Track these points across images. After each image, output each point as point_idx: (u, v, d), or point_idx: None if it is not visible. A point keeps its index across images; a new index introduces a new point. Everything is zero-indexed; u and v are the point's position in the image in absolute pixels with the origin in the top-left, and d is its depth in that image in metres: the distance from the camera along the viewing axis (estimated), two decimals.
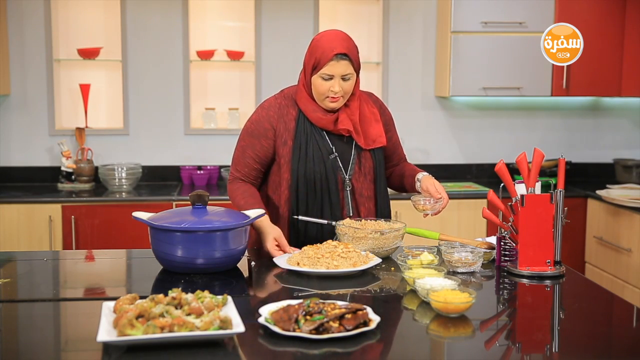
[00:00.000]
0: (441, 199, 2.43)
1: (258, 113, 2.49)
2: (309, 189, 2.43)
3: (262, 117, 2.47)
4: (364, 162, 2.49)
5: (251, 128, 2.48)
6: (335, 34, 2.40)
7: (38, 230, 3.96)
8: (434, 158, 4.78)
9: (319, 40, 2.40)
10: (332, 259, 2.11)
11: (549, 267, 2.18)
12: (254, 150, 2.46)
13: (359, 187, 2.49)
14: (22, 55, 4.43)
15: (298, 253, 2.19)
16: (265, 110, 2.48)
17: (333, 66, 2.34)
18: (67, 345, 1.68)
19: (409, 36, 4.68)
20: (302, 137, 2.43)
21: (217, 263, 2.14)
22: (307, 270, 2.09)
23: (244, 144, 2.49)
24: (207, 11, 4.60)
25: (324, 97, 2.39)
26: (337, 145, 2.47)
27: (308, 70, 2.40)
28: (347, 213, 2.47)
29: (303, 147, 2.43)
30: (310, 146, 2.43)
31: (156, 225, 2.12)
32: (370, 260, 2.18)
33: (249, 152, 2.47)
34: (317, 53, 2.36)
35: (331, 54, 2.34)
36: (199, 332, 1.54)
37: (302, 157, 2.42)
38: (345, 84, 2.38)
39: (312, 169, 2.42)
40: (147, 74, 4.54)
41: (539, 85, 4.42)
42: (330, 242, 2.21)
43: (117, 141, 4.56)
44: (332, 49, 2.34)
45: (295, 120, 2.45)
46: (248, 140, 2.48)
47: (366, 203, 2.50)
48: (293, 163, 2.43)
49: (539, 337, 1.73)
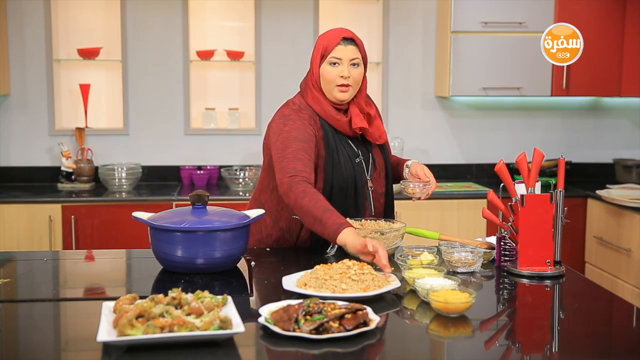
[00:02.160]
0: (429, 183, 2.47)
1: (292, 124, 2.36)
2: (341, 194, 2.42)
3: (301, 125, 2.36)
4: (377, 160, 2.52)
5: (294, 135, 2.33)
6: (341, 28, 2.47)
7: (38, 230, 3.96)
8: (434, 158, 4.78)
9: (325, 32, 2.47)
10: (341, 281, 1.90)
11: (549, 267, 2.18)
12: (307, 152, 2.31)
13: (376, 186, 2.52)
14: (22, 55, 4.43)
15: (309, 272, 2.01)
16: (299, 120, 2.37)
17: (341, 50, 2.39)
18: (67, 345, 1.68)
19: (409, 36, 4.68)
20: (332, 144, 2.41)
21: (217, 263, 2.14)
22: (312, 293, 1.88)
23: (293, 150, 2.29)
24: (207, 11, 4.60)
25: (334, 85, 2.39)
26: (359, 146, 2.49)
27: (317, 62, 2.42)
28: (370, 212, 2.49)
29: (335, 154, 2.41)
30: (341, 152, 2.43)
31: (156, 225, 2.12)
32: (386, 285, 1.95)
33: (302, 154, 2.29)
34: (325, 41, 2.41)
35: (338, 38, 2.40)
36: (199, 332, 1.54)
37: (336, 164, 2.40)
38: (354, 70, 2.40)
39: (344, 175, 2.41)
40: (147, 74, 4.54)
41: (539, 86, 4.42)
42: (346, 261, 2.00)
43: (117, 141, 4.56)
44: (338, 34, 2.41)
45: (322, 128, 2.43)
46: (297, 144, 2.31)
47: (381, 199, 2.54)
48: (327, 171, 2.39)
49: (539, 337, 1.73)
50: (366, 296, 1.87)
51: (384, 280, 1.96)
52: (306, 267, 2.13)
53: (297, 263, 2.32)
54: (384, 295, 1.94)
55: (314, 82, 2.44)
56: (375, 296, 1.90)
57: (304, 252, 2.47)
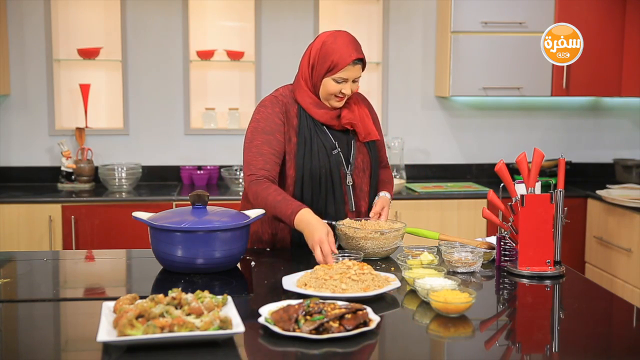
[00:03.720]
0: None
1: (263, 112, 2.46)
2: (314, 184, 2.43)
3: (270, 114, 2.45)
4: (362, 157, 2.52)
5: (261, 126, 2.43)
6: (349, 38, 2.42)
7: (38, 230, 3.96)
8: (434, 158, 4.78)
9: (333, 43, 2.40)
10: (341, 281, 1.91)
11: (549, 267, 2.18)
12: (271, 146, 2.40)
13: (359, 183, 2.51)
14: (22, 55, 4.43)
15: (309, 272, 2.03)
16: (271, 108, 2.46)
17: (349, 70, 2.38)
18: (67, 345, 1.68)
19: (409, 36, 4.68)
20: (306, 133, 2.44)
21: (217, 263, 2.14)
22: (312, 293, 1.88)
23: (258, 143, 2.41)
24: (207, 11, 4.60)
25: (332, 96, 2.42)
26: (339, 140, 2.49)
27: (320, 72, 2.41)
28: (350, 208, 2.48)
29: (308, 142, 2.44)
30: (315, 142, 2.44)
31: (156, 225, 2.12)
32: (386, 285, 1.96)
33: (266, 148, 2.40)
34: (335, 56, 2.38)
35: (349, 59, 2.37)
36: (199, 332, 1.54)
37: (307, 152, 2.43)
38: (354, 85, 2.43)
39: (317, 165, 2.43)
40: (147, 74, 4.54)
41: (539, 85, 4.42)
42: (346, 261, 2.02)
43: (117, 141, 4.56)
44: (350, 54, 2.37)
45: (297, 117, 2.46)
46: (262, 137, 2.41)
47: (365, 198, 2.53)
48: (298, 159, 2.43)
49: (538, 337, 1.73)
50: (366, 296, 1.88)
51: (384, 280, 1.97)
52: (306, 267, 2.13)
53: (297, 263, 2.32)
54: (384, 295, 1.94)
55: (310, 84, 2.46)
56: (375, 296, 1.90)
57: (304, 252, 2.47)
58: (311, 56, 2.45)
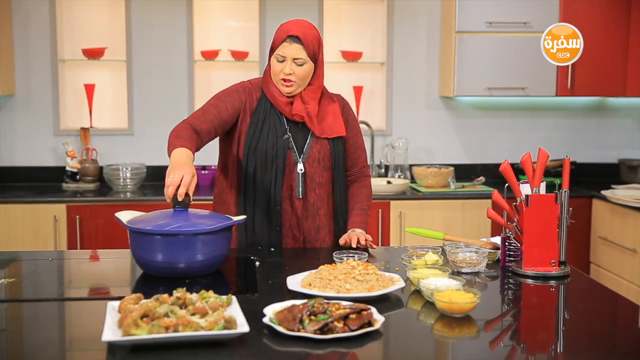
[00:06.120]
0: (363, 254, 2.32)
1: (230, 88, 2.56)
2: (258, 163, 2.48)
3: (235, 90, 2.54)
4: (320, 149, 2.53)
5: (223, 94, 2.53)
6: (297, 21, 2.51)
7: (43, 230, 3.97)
8: (438, 158, 4.78)
9: (283, 23, 2.51)
10: (345, 281, 1.90)
11: (554, 267, 2.18)
12: (218, 109, 2.47)
13: (311, 172, 2.52)
14: (27, 56, 4.44)
15: (313, 272, 2.02)
16: (241, 87, 2.56)
17: (285, 47, 2.44)
18: (72, 345, 1.68)
19: (414, 36, 4.68)
20: (261, 115, 2.51)
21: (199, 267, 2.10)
22: (316, 293, 1.88)
23: (210, 103, 2.51)
24: (211, 11, 4.61)
25: (278, 78, 2.48)
26: (293, 130, 2.53)
27: (270, 53, 2.51)
28: (297, 195, 2.50)
29: (259, 124, 2.50)
30: (267, 124, 2.50)
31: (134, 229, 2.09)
32: (391, 285, 1.95)
33: (212, 110, 2.48)
34: (276, 34, 2.48)
35: (284, 35, 2.44)
36: (204, 332, 1.55)
37: (257, 132, 2.49)
38: (298, 68, 2.45)
39: (264, 145, 2.48)
40: (151, 74, 4.54)
41: (544, 86, 4.41)
42: (350, 261, 2.03)
43: (122, 141, 4.57)
44: (286, 31, 2.45)
45: (257, 100, 2.53)
46: (215, 101, 2.51)
47: (317, 189, 2.53)
48: (247, 137, 2.49)
49: (543, 338, 1.73)
50: (370, 296, 1.87)
51: (388, 280, 1.97)
52: (310, 267, 2.13)
53: (302, 263, 2.32)
54: (389, 295, 1.94)
55: (267, 69, 2.54)
56: (380, 296, 1.90)
57: (308, 252, 2.47)
58: None
